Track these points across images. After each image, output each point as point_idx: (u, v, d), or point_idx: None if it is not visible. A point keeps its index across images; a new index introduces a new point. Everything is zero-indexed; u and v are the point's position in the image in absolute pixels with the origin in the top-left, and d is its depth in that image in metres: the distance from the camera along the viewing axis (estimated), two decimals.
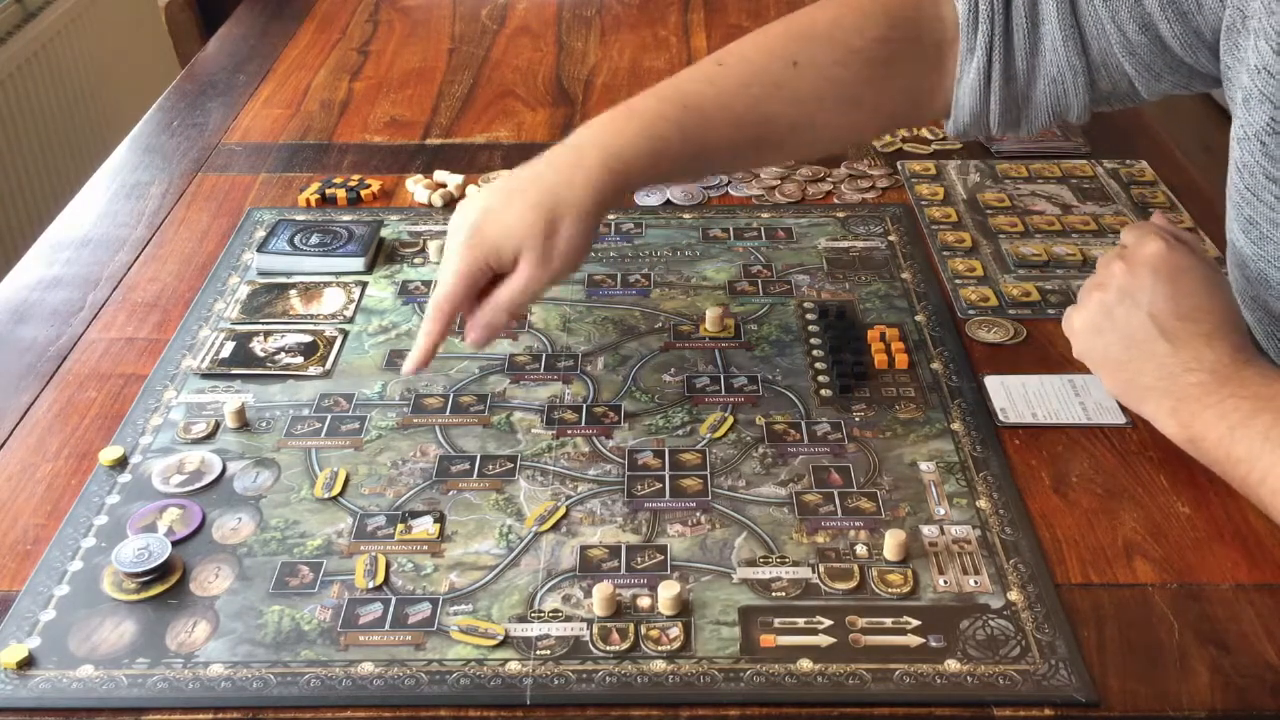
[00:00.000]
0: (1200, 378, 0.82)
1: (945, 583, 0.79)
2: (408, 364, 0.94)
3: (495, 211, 0.91)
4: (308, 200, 1.26)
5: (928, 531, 0.83)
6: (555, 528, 0.84)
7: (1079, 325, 0.90)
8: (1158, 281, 0.85)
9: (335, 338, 1.04)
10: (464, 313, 0.93)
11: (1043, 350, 1.01)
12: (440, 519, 0.85)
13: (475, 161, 1.35)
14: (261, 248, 1.15)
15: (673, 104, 0.94)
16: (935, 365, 1.00)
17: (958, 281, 1.11)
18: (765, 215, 1.22)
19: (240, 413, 0.94)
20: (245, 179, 1.32)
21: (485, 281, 0.92)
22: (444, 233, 1.18)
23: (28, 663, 0.75)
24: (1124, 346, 0.86)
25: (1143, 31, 0.91)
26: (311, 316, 1.07)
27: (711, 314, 1.05)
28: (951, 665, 0.74)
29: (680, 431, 0.93)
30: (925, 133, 1.38)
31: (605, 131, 0.93)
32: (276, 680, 0.73)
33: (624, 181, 0.92)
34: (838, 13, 0.98)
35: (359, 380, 0.99)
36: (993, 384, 0.97)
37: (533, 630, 0.76)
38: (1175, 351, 0.84)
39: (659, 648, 0.75)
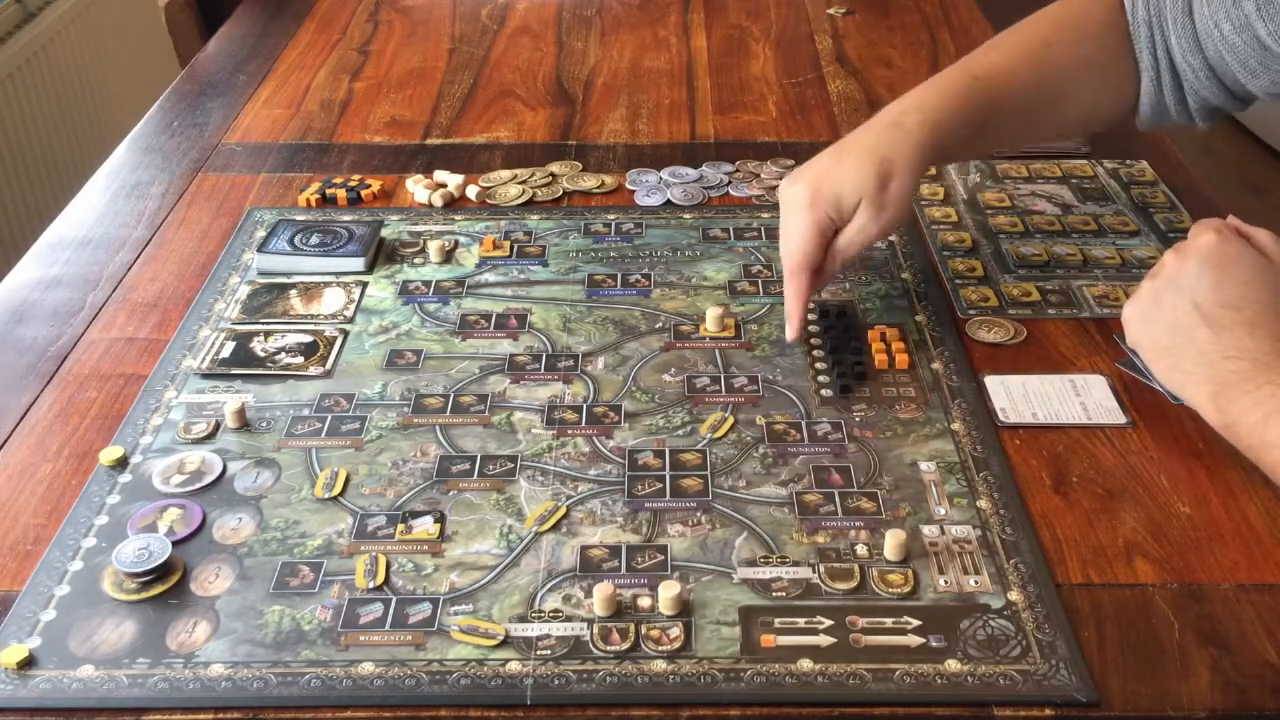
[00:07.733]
0: (1240, 365, 0.83)
1: (946, 583, 0.79)
2: (790, 333, 1.01)
3: (830, 169, 1.00)
4: (308, 200, 1.26)
5: (928, 531, 0.83)
6: (555, 528, 0.84)
7: (1129, 313, 0.92)
8: (1204, 269, 0.87)
9: (335, 338, 1.04)
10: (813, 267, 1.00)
11: (1043, 350, 1.01)
12: (440, 519, 0.85)
13: (475, 161, 1.35)
14: (262, 248, 1.15)
15: (965, 74, 1.05)
16: (935, 365, 1.00)
17: (958, 281, 1.11)
18: (765, 215, 1.22)
19: (240, 413, 0.94)
20: (245, 179, 1.32)
21: (830, 236, 1.00)
22: (444, 233, 1.19)
23: (28, 663, 0.75)
24: (1169, 333, 0.88)
25: (1239, 32, 0.95)
26: (312, 316, 1.07)
27: (712, 314, 1.05)
28: (952, 665, 0.74)
29: (680, 431, 0.93)
30: None
31: (916, 99, 1.03)
32: (277, 680, 0.73)
33: (939, 139, 1.01)
34: (1070, 3, 1.10)
35: (359, 380, 0.99)
36: (993, 384, 0.97)
37: (533, 630, 0.76)
38: (1217, 338, 0.85)
39: (659, 648, 0.75)
